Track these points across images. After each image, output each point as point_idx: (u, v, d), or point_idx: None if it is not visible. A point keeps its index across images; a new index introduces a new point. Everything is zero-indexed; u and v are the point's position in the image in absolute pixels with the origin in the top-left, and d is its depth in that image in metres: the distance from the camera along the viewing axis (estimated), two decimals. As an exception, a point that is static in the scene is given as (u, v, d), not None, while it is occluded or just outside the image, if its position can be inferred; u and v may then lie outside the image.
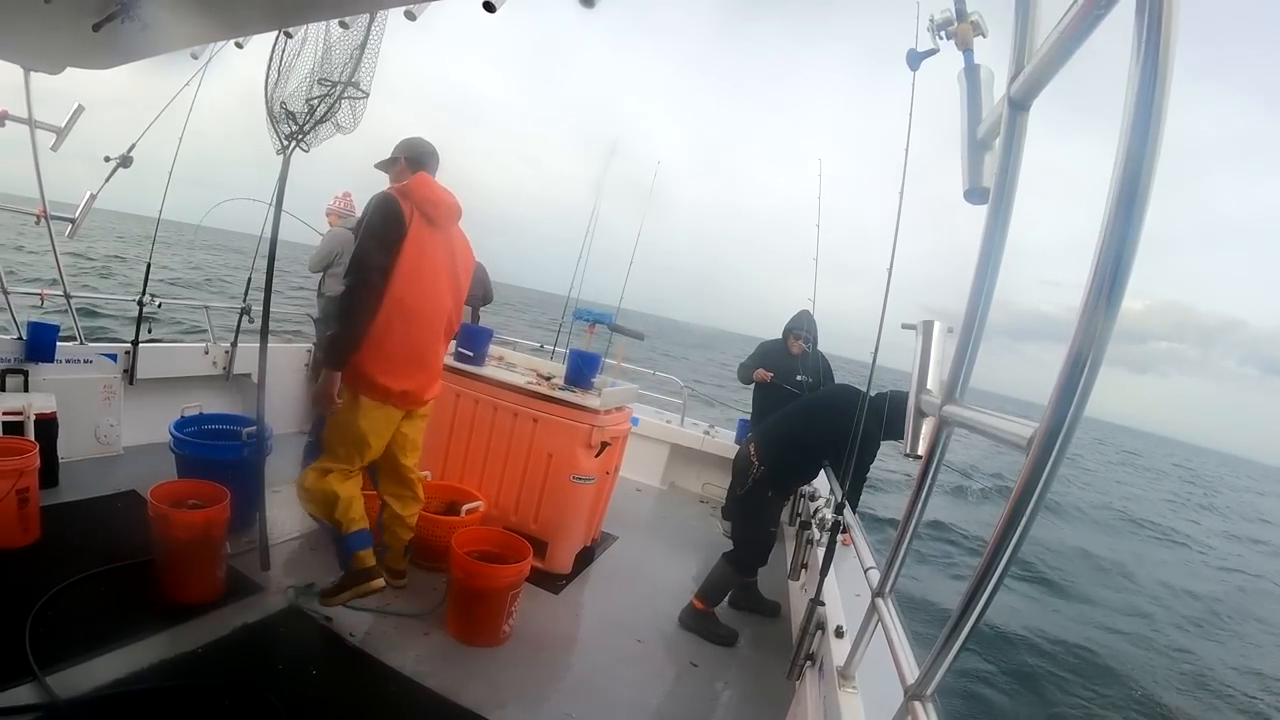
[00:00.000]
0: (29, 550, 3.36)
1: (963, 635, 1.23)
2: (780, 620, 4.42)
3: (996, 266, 1.40)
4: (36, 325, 4.37)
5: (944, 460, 1.69)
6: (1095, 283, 0.93)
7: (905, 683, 1.50)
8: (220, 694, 2.63)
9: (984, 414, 1.35)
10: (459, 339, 4.73)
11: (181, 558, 3.16)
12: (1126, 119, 0.88)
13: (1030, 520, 1.07)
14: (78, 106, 4.44)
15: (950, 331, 1.75)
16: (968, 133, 1.55)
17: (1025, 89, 1.27)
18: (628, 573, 4.73)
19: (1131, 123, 0.88)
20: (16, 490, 3.30)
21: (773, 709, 3.22)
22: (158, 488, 3.28)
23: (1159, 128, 0.87)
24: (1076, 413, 0.98)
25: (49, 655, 2.58)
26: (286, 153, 3.36)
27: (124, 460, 4.77)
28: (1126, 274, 0.91)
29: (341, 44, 3.21)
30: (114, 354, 4.85)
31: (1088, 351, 0.96)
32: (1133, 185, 0.89)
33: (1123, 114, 0.90)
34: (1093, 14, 1.05)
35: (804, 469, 4.24)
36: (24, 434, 3.81)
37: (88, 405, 4.63)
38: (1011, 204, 1.35)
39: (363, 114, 3.38)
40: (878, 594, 1.94)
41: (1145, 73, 0.87)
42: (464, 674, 3.13)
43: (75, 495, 4.02)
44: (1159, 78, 0.86)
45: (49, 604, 2.90)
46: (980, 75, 1.60)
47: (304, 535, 4.12)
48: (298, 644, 3.10)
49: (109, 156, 4.73)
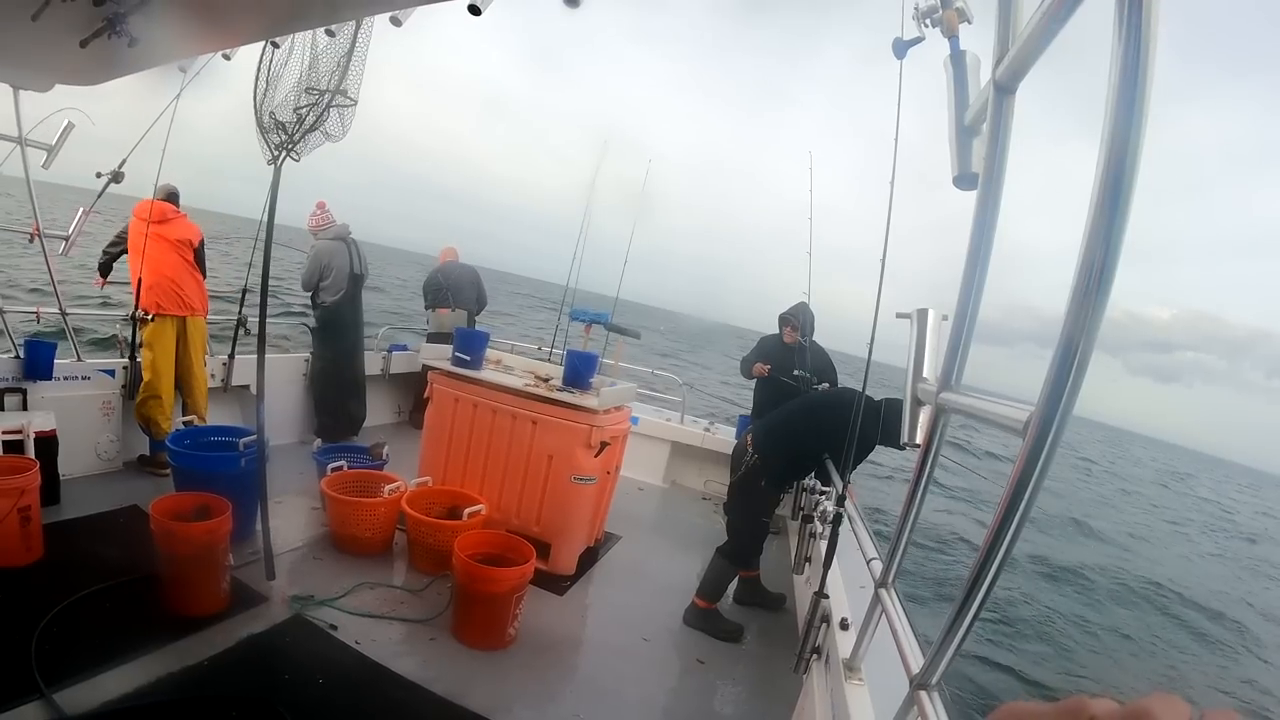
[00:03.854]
0: (32, 569, 3.35)
1: (966, 622, 1.22)
2: (786, 613, 4.42)
3: (988, 251, 1.40)
4: (34, 343, 4.37)
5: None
6: (1084, 267, 0.93)
7: (910, 672, 1.50)
8: (228, 706, 2.63)
9: (981, 400, 1.34)
10: (455, 343, 4.74)
11: (185, 571, 3.16)
12: (1110, 101, 0.88)
13: (1030, 503, 1.06)
14: (67, 124, 4.45)
15: (945, 319, 1.75)
16: (955, 119, 1.55)
17: (1011, 72, 1.27)
18: (632, 572, 4.73)
19: (1115, 105, 0.88)
20: (18, 509, 3.30)
21: (781, 703, 3.22)
22: (159, 501, 3.28)
23: (1143, 108, 0.87)
24: (1071, 394, 0.98)
25: (55, 673, 2.58)
26: (277, 163, 3.36)
27: (125, 475, 4.77)
28: (1115, 259, 0.91)
29: (328, 52, 3.20)
30: (112, 369, 4.84)
31: (1079, 336, 0.96)
32: (1119, 167, 0.88)
33: (1106, 97, 0.90)
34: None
35: (799, 463, 4.24)
36: (24, 452, 3.80)
37: (87, 422, 4.62)
38: (1001, 188, 1.35)
39: (351, 121, 3.37)
40: (880, 585, 1.94)
41: (1128, 55, 0.87)
42: (470, 678, 3.13)
43: (77, 512, 4.01)
44: (1142, 62, 0.86)
45: (54, 621, 2.90)
46: (966, 61, 1.60)
47: (307, 544, 4.12)
48: (304, 653, 3.09)
49: (100, 173, 4.72)
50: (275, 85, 3.33)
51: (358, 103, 3.31)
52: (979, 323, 1.48)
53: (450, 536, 3.75)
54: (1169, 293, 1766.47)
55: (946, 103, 1.59)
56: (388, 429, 6.99)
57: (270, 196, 3.50)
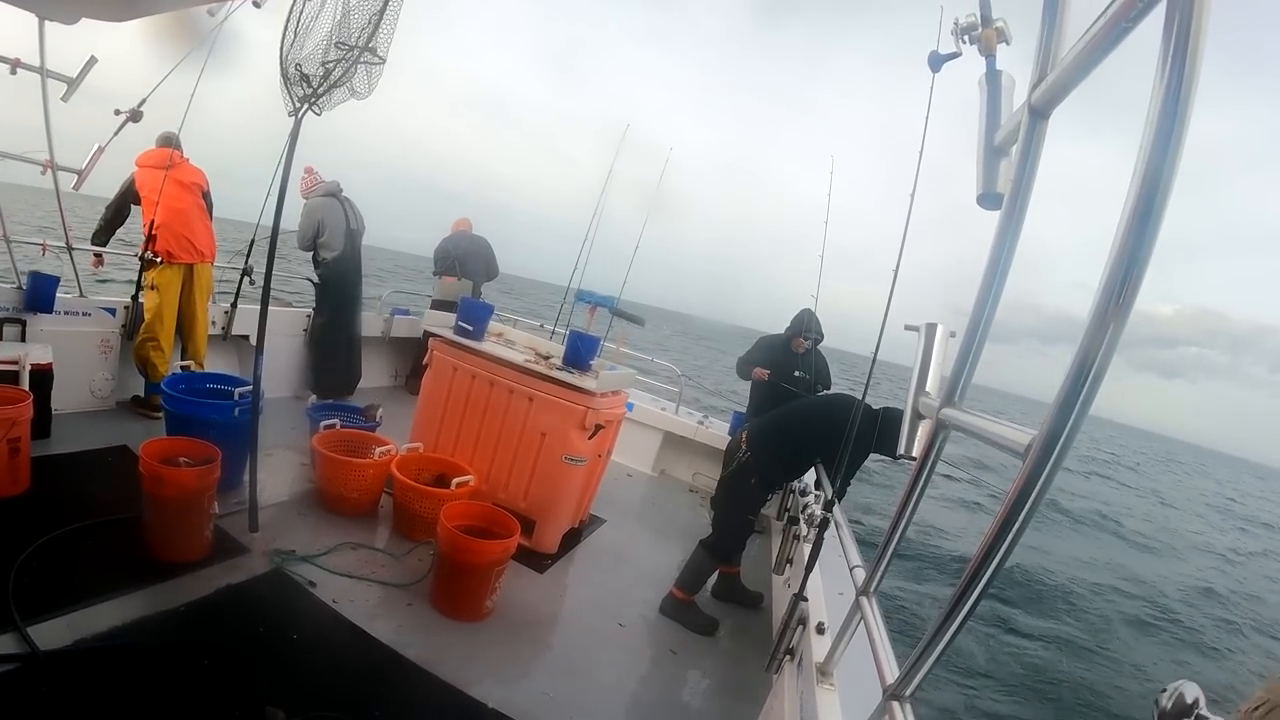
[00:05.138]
0: (17, 500, 3.36)
1: (946, 638, 1.23)
2: (762, 612, 4.44)
3: (1005, 272, 1.39)
4: (37, 276, 4.36)
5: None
6: (1107, 289, 0.92)
7: (885, 682, 1.51)
8: (200, 653, 2.64)
9: (983, 419, 1.34)
10: (459, 312, 4.73)
11: (169, 515, 3.16)
12: (1148, 132, 0.88)
13: (1023, 526, 1.06)
14: (90, 58, 4.40)
15: (953, 336, 1.75)
16: (985, 138, 1.54)
17: (1047, 97, 1.26)
18: (613, 556, 4.75)
19: (1154, 136, 0.87)
20: (8, 439, 3.30)
21: (749, 701, 3.24)
22: (149, 444, 3.29)
23: (1179, 143, 0.86)
24: (1078, 420, 0.98)
25: (32, 606, 2.58)
26: (298, 115, 3.34)
27: (117, 415, 4.77)
28: (1138, 284, 0.90)
29: (361, 7, 3.18)
30: (113, 308, 4.84)
31: (1093, 359, 0.95)
32: (1149, 198, 0.88)
33: (1144, 126, 0.89)
34: (1120, 25, 1.04)
35: (791, 465, 4.25)
36: (19, 384, 3.79)
37: (84, 358, 4.62)
38: (1025, 211, 1.34)
39: (378, 80, 3.35)
40: (862, 592, 1.94)
41: (1170, 88, 0.86)
42: (444, 647, 3.14)
43: (66, 448, 4.02)
44: (1183, 94, 0.86)
45: (34, 555, 2.90)
46: (1001, 81, 1.59)
47: (293, 499, 4.13)
48: (280, 607, 3.10)
49: (119, 110, 4.69)
50: (304, 37, 3.31)
51: (385, 61, 3.28)
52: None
53: (436, 504, 3.76)
54: (1172, 289, 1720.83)
55: (978, 121, 1.58)
56: (383, 391, 6.98)
57: (288, 147, 3.48)
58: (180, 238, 4.82)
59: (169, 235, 4.78)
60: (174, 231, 4.80)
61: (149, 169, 4.84)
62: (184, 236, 4.84)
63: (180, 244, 4.83)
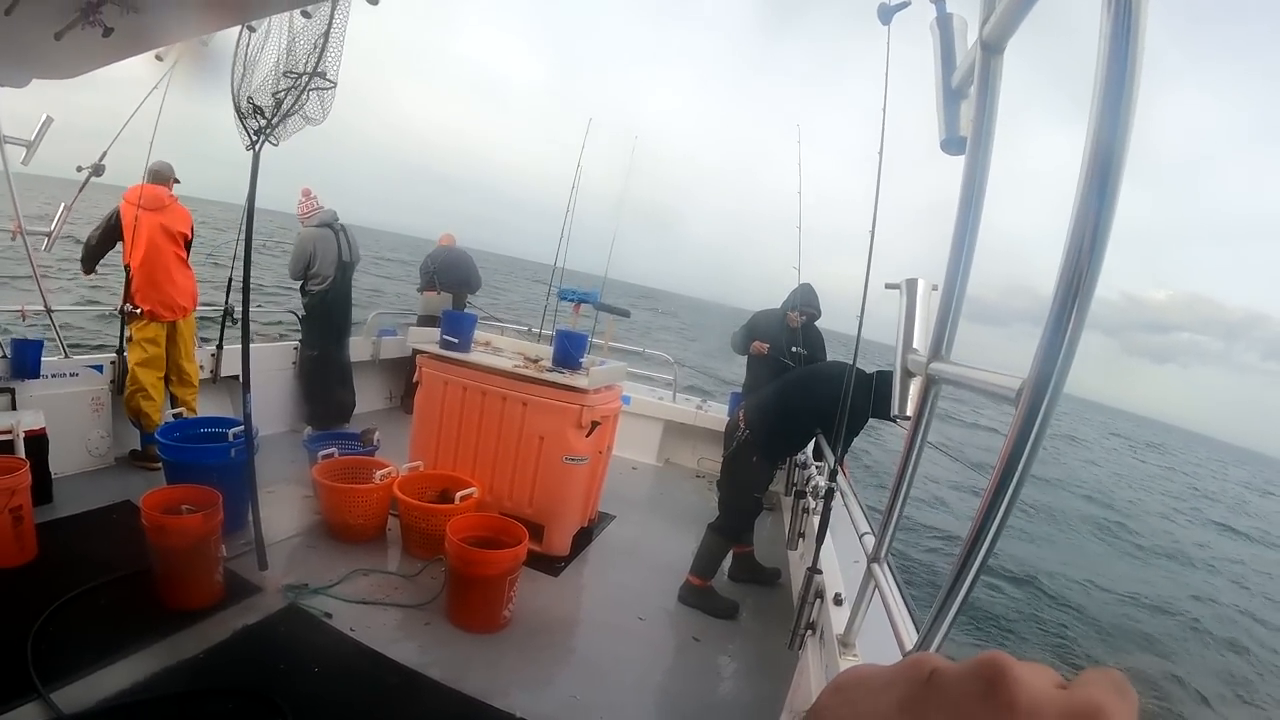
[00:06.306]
0: (26, 569, 3.34)
1: (960, 596, 1.20)
2: (781, 589, 4.43)
3: (977, 217, 1.37)
4: (20, 342, 4.31)
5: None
6: (1075, 235, 0.91)
7: (904, 647, 1.49)
8: (224, 698, 2.62)
9: (971, 369, 1.32)
10: (443, 326, 4.71)
11: (178, 564, 3.14)
12: (1103, 46, 0.85)
13: (1024, 473, 1.04)
14: (46, 118, 4.37)
15: (935, 289, 1.72)
16: (942, 82, 1.52)
17: (999, 31, 1.24)
18: (626, 551, 4.74)
19: (1105, 69, 0.85)
20: (10, 509, 3.27)
21: (777, 680, 3.23)
22: (149, 495, 3.26)
23: (1134, 78, 0.84)
24: (1066, 359, 0.96)
25: (52, 672, 2.56)
26: (256, 148, 3.30)
27: (117, 471, 4.74)
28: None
29: (305, 34, 3.14)
30: (100, 365, 4.80)
31: (1072, 300, 0.93)
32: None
33: (1095, 66, 0.87)
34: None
35: (791, 438, 4.23)
36: (14, 452, 3.76)
37: (77, 419, 4.58)
38: (990, 150, 1.32)
39: (331, 104, 3.31)
40: (873, 559, 1.93)
41: (1118, 24, 0.84)
42: (466, 661, 3.13)
43: (69, 510, 3.98)
44: (1132, 28, 0.84)
45: (49, 620, 2.88)
46: (954, 24, 1.57)
47: (299, 532, 4.11)
48: (299, 642, 3.09)
49: (81, 166, 4.65)
50: (252, 70, 3.27)
51: (337, 84, 3.24)
52: (975, 303, 1.45)
53: (443, 520, 3.73)
54: (1165, 275, 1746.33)
55: (933, 66, 1.56)
56: (379, 415, 6.96)
57: (250, 182, 3.45)
58: (161, 293, 4.76)
59: (149, 290, 4.71)
60: (154, 284, 4.73)
61: (137, 209, 4.73)
62: (165, 292, 4.77)
63: (162, 301, 4.77)
